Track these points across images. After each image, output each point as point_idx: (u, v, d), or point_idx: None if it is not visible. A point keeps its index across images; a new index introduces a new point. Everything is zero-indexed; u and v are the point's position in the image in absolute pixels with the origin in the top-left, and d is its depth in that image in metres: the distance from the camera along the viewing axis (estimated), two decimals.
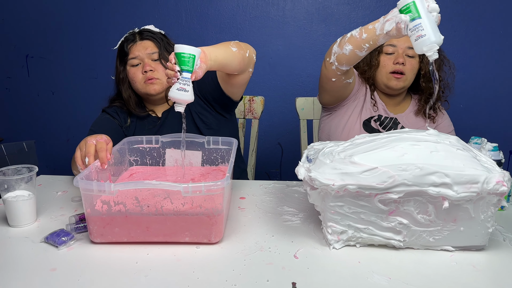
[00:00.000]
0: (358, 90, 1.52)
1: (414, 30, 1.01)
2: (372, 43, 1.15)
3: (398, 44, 1.48)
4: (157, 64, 1.41)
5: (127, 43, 1.43)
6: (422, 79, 1.53)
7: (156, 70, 1.40)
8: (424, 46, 1.00)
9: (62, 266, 0.85)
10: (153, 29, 1.47)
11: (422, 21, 1.00)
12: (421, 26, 1.00)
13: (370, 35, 1.14)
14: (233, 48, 1.19)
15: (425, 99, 1.54)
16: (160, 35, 1.45)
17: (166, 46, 1.43)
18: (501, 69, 2.20)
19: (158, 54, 1.41)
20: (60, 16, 2.32)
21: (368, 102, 1.52)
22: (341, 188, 0.85)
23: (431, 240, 0.90)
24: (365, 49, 1.18)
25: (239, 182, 1.37)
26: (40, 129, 2.49)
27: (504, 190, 0.83)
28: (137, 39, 1.42)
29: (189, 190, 0.88)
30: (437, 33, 1.00)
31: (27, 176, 1.03)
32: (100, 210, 0.91)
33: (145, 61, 1.40)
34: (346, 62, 1.25)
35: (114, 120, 1.47)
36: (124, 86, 1.46)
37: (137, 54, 1.40)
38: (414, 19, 1.01)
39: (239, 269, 0.85)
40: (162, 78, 1.41)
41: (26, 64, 2.41)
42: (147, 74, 1.39)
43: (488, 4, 2.14)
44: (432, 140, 0.90)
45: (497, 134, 2.23)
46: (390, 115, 1.54)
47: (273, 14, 2.23)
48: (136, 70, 1.42)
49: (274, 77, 2.29)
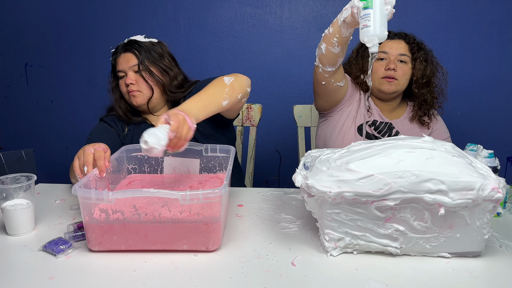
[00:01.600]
0: (352, 96, 1.53)
1: (363, 18, 1.02)
2: (338, 35, 1.15)
3: (389, 51, 1.50)
4: (138, 76, 1.41)
5: (115, 55, 1.45)
6: (414, 85, 1.54)
7: (137, 82, 1.41)
8: (365, 37, 1.02)
9: (60, 275, 0.85)
10: (139, 39, 1.45)
11: (372, 12, 1.00)
12: (369, 17, 1.01)
13: (334, 27, 1.15)
14: (223, 101, 1.16)
15: (418, 105, 1.55)
16: (145, 46, 1.43)
17: (149, 57, 1.42)
18: (497, 76, 2.22)
19: (137, 67, 1.41)
20: (59, 25, 2.34)
21: (362, 108, 1.53)
22: (337, 195, 0.86)
23: (427, 247, 0.91)
24: (335, 44, 1.19)
25: (237, 189, 1.37)
26: (39, 137, 2.50)
27: (499, 197, 0.84)
28: (121, 51, 1.44)
29: (187, 198, 0.88)
30: (382, 28, 1.01)
31: (25, 185, 1.03)
32: (98, 218, 0.92)
33: (128, 74, 1.41)
34: (327, 62, 1.27)
35: (112, 128, 1.48)
36: (114, 96, 1.49)
37: (121, 68, 1.43)
38: (366, 8, 1.01)
39: (237, 276, 0.85)
40: (143, 90, 1.42)
41: (25, 73, 2.42)
42: (128, 87, 1.41)
43: (483, 12, 2.16)
44: (428, 147, 0.91)
45: (494, 141, 2.25)
46: (385, 120, 1.55)
47: (270, 22, 2.25)
48: (122, 82, 1.44)
49: (271, 85, 2.30)
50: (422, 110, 1.55)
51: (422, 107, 1.54)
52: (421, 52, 1.52)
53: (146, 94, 1.43)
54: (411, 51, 1.52)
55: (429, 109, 1.55)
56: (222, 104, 1.16)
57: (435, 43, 2.18)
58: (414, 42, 1.54)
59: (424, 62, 1.52)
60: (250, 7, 2.25)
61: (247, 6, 2.25)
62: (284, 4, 2.23)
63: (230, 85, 1.19)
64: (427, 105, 1.54)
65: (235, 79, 1.22)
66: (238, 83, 1.23)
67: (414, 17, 2.18)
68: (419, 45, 1.54)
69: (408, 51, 1.52)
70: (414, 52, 1.52)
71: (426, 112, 1.55)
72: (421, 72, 1.51)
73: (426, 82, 1.52)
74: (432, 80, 1.54)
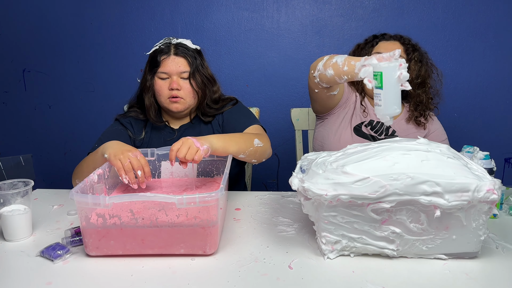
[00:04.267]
0: (348, 99, 1.53)
1: (376, 96, 1.04)
2: (350, 77, 1.15)
3: (383, 52, 1.49)
4: (185, 83, 1.38)
5: (160, 54, 1.38)
6: None
7: (183, 89, 1.38)
8: (378, 114, 1.05)
9: (57, 280, 0.86)
10: (189, 45, 1.42)
11: (382, 93, 1.02)
12: (380, 97, 1.02)
13: (350, 70, 1.14)
14: (241, 154, 1.24)
15: (414, 106, 1.56)
16: (194, 54, 1.41)
17: (198, 67, 1.40)
18: (494, 77, 2.23)
19: (188, 74, 1.38)
20: (57, 30, 2.34)
21: (358, 109, 1.54)
22: (334, 198, 0.86)
23: (424, 249, 0.91)
24: (343, 79, 1.18)
25: (235, 193, 1.38)
26: (37, 143, 2.50)
27: (494, 198, 0.84)
28: (171, 53, 1.38)
29: (184, 202, 0.88)
30: (393, 106, 1.03)
31: (22, 191, 1.03)
32: (95, 223, 0.92)
33: (173, 78, 1.36)
34: (326, 82, 1.27)
35: (126, 130, 1.44)
36: (148, 94, 1.42)
37: (167, 70, 1.36)
38: (377, 88, 1.03)
39: (234, 280, 0.85)
40: (186, 98, 1.39)
41: (23, 78, 2.43)
42: (173, 92, 1.37)
43: (479, 14, 2.17)
44: (423, 149, 0.91)
45: (491, 142, 2.25)
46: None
47: (267, 26, 2.25)
48: (163, 84, 1.38)
49: (269, 89, 2.31)
50: (418, 111, 1.55)
51: (418, 107, 1.55)
52: (415, 53, 1.53)
53: (189, 102, 1.40)
54: (406, 52, 1.53)
55: (425, 109, 1.55)
56: (239, 155, 1.23)
57: (432, 45, 2.19)
58: (409, 44, 1.55)
59: (418, 63, 1.53)
60: (247, 11, 2.25)
61: (244, 11, 2.25)
62: (281, 8, 2.24)
63: (255, 148, 1.25)
64: (422, 106, 1.54)
65: (262, 147, 1.28)
66: (262, 151, 1.28)
67: (410, 19, 2.19)
68: (414, 46, 1.55)
69: (403, 52, 1.53)
70: (409, 53, 1.53)
71: (422, 113, 1.55)
72: (416, 73, 1.52)
73: (421, 82, 1.53)
74: (427, 81, 1.54)
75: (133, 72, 2.34)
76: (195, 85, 1.39)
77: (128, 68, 2.34)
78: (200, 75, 1.40)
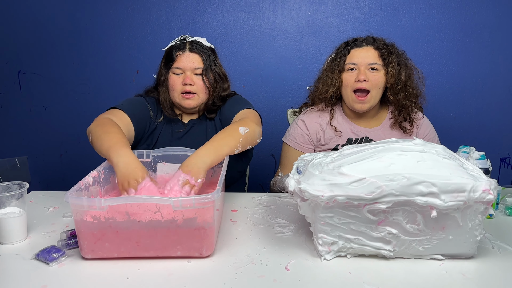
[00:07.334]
0: (318, 140, 1.54)
1: None
2: None
3: (358, 61, 1.44)
4: (198, 79, 1.42)
5: (176, 49, 1.42)
6: (389, 92, 1.47)
7: (196, 84, 1.41)
8: None
9: (53, 283, 0.85)
10: (204, 42, 1.47)
11: None
12: None
13: None
14: (236, 149, 1.21)
15: (397, 111, 1.50)
16: (208, 51, 1.45)
17: (212, 64, 1.44)
18: (489, 77, 2.24)
19: (201, 70, 1.41)
20: (52, 32, 2.33)
21: (328, 141, 1.53)
22: (330, 199, 0.86)
23: (420, 249, 0.91)
24: None
25: (232, 194, 1.37)
26: (32, 144, 2.49)
27: (490, 199, 0.84)
28: (186, 49, 1.42)
29: (180, 204, 0.88)
30: None
31: (17, 193, 1.03)
32: (90, 225, 0.91)
33: (187, 74, 1.41)
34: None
35: (149, 109, 1.47)
36: (162, 89, 1.46)
37: (182, 65, 1.41)
38: None
39: (231, 282, 0.85)
40: (199, 94, 1.42)
41: (18, 80, 2.41)
42: (186, 87, 1.41)
43: (474, 15, 2.18)
44: (419, 150, 0.91)
45: (487, 142, 2.26)
46: (361, 135, 1.51)
47: (263, 27, 2.26)
48: (177, 79, 1.42)
49: (265, 89, 2.31)
50: (401, 116, 1.50)
51: (401, 112, 1.49)
52: (392, 56, 1.44)
53: (201, 98, 1.44)
54: (381, 57, 1.44)
55: (409, 113, 1.50)
56: (234, 152, 1.22)
57: (427, 45, 2.20)
58: (384, 47, 1.45)
59: (397, 66, 1.45)
60: (243, 12, 2.26)
61: (240, 12, 2.25)
62: (276, 9, 2.24)
63: (244, 136, 1.24)
64: (406, 110, 1.49)
65: (249, 131, 1.26)
66: (251, 134, 1.27)
67: (406, 20, 2.20)
68: (389, 49, 1.46)
69: (378, 57, 1.44)
70: (385, 57, 1.44)
71: (406, 117, 1.50)
72: (395, 78, 1.44)
73: (402, 87, 1.46)
74: (408, 84, 1.47)
75: (128, 73, 2.33)
76: (207, 82, 1.43)
77: (124, 69, 2.33)
78: (212, 72, 1.44)
